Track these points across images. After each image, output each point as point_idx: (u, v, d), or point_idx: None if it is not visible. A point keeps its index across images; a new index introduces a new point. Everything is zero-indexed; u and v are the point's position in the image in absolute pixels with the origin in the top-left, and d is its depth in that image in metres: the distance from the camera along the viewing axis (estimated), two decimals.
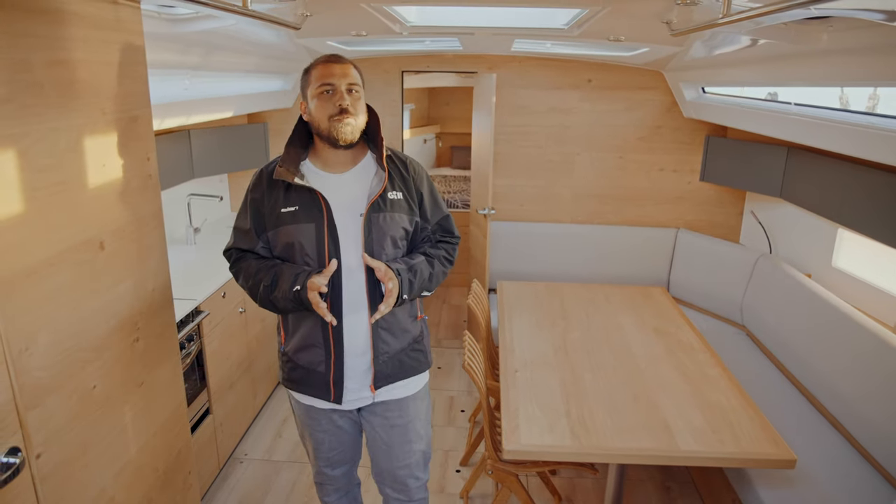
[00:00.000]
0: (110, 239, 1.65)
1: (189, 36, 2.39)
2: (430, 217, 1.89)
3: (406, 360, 1.89)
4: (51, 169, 1.41)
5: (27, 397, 1.36)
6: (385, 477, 2.00)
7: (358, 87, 1.73)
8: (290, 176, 1.72)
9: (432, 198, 1.91)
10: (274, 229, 1.77)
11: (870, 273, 2.90)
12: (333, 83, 1.68)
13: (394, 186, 1.79)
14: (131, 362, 1.76)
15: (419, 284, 1.79)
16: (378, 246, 1.76)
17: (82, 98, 1.51)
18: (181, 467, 2.09)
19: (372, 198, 1.74)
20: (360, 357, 1.81)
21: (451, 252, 1.94)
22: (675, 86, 3.84)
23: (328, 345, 1.78)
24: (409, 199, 1.82)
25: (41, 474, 1.41)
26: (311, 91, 1.72)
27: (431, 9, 2.57)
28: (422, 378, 1.97)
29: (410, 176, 1.84)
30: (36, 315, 1.38)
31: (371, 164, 1.83)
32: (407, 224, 1.81)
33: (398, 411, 1.91)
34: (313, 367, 1.82)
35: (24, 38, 1.32)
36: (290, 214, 1.74)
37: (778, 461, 1.96)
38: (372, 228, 1.74)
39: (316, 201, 1.73)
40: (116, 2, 1.62)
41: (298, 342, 1.83)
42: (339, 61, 1.72)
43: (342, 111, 1.67)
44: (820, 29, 1.95)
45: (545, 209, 4.29)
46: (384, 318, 1.80)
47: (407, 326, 1.89)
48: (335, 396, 1.83)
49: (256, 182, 1.82)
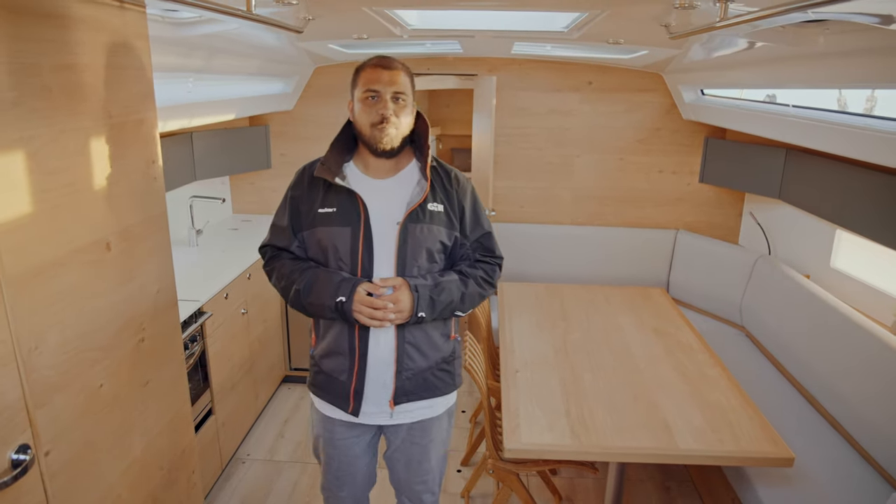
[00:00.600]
0: (117, 240, 1.67)
1: (192, 39, 2.41)
2: (469, 233, 1.81)
3: (431, 378, 1.81)
4: (60, 171, 1.44)
5: (36, 395, 1.38)
6: (402, 487, 1.98)
7: (405, 96, 1.66)
8: (331, 175, 1.68)
9: (474, 213, 1.83)
10: (310, 229, 1.74)
11: (868, 274, 2.92)
12: (379, 90, 1.63)
13: (435, 198, 1.73)
14: (137, 362, 1.78)
15: (444, 304, 1.72)
16: (412, 258, 1.70)
17: (89, 101, 1.53)
18: (185, 466, 2.11)
19: (411, 207, 1.69)
20: (384, 370, 1.76)
21: (491, 273, 1.85)
22: (674, 88, 3.86)
23: (353, 354, 1.74)
24: (450, 212, 1.76)
25: (50, 471, 1.43)
26: (357, 94, 1.68)
27: (432, 12, 2.59)
28: (447, 399, 1.90)
29: (454, 189, 1.78)
30: (45, 314, 1.40)
31: (414, 173, 1.78)
32: (445, 238, 1.75)
33: (420, 431, 1.87)
34: (335, 375, 1.79)
35: (33, 43, 1.34)
36: (327, 216, 1.70)
37: (776, 459, 1.98)
38: (407, 238, 1.69)
39: (355, 205, 1.69)
40: (123, 6, 1.64)
41: (325, 347, 1.80)
42: (388, 66, 1.65)
43: (383, 120, 1.63)
44: (817, 32, 1.97)
45: (545, 211, 4.31)
46: (412, 334, 1.75)
47: (438, 344, 1.82)
48: (353, 408, 1.78)
49: (298, 179, 1.79)
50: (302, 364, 3.85)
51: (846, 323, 2.66)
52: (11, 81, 1.28)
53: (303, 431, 3.38)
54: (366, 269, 1.70)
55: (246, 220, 4.19)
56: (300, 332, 3.78)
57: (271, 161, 4.20)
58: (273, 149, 4.21)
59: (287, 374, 3.87)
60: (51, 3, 1.39)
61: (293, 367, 3.86)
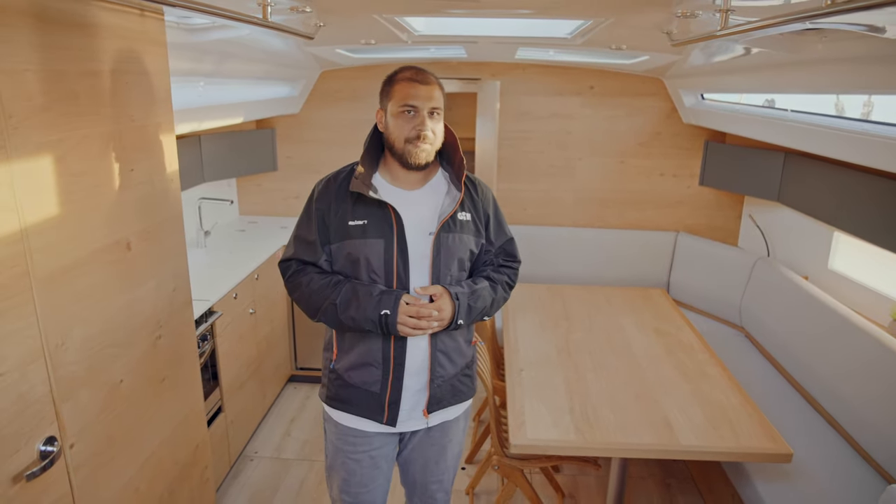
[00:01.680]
0: (136, 240, 1.72)
1: (204, 44, 2.47)
2: (494, 240, 1.85)
3: (458, 384, 1.84)
4: (84, 173, 1.49)
5: (62, 389, 1.43)
6: (416, 488, 1.99)
7: (440, 111, 1.68)
8: (365, 189, 1.66)
9: (497, 220, 1.87)
10: (339, 242, 1.71)
11: (865, 275, 2.97)
12: (417, 106, 1.63)
13: (463, 207, 1.75)
14: (154, 358, 1.84)
15: (479, 310, 1.76)
16: (445, 267, 1.72)
17: (112, 106, 1.59)
18: (198, 461, 2.16)
19: (443, 218, 1.70)
20: (416, 379, 1.77)
21: (513, 277, 1.91)
22: (674, 92, 3.92)
23: (387, 365, 1.74)
24: (476, 220, 1.78)
25: (74, 463, 1.48)
26: (392, 107, 1.66)
27: (439, 19, 2.65)
28: (467, 402, 1.94)
29: (479, 197, 1.81)
30: (71, 311, 1.46)
31: (442, 183, 1.79)
32: (473, 246, 1.78)
33: (440, 432, 1.89)
34: (366, 387, 1.76)
35: (62, 51, 1.40)
36: (358, 228, 1.68)
37: (775, 455, 2.03)
38: (441, 248, 1.70)
39: (387, 216, 1.68)
40: (144, 14, 1.70)
41: (353, 360, 1.76)
42: (425, 81, 1.65)
43: (419, 136, 1.63)
44: (814, 39, 2.03)
45: (547, 213, 4.37)
46: (442, 342, 1.77)
47: (463, 350, 1.85)
48: (388, 418, 1.77)
49: (323, 192, 1.75)
50: (308, 364, 3.90)
51: (844, 324, 2.71)
52: (42, 87, 1.33)
53: (309, 430, 3.42)
54: (402, 280, 1.69)
55: (252, 221, 4.25)
56: (306, 333, 3.83)
57: (277, 163, 4.26)
58: (279, 151, 4.26)
59: (293, 374, 3.92)
60: (79, 12, 1.45)
61: (299, 366, 3.91)
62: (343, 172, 1.77)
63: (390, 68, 1.73)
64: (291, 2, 1.81)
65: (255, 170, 4.10)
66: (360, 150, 1.75)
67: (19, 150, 1.27)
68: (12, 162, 1.26)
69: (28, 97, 1.30)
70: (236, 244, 3.64)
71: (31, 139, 1.31)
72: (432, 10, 2.22)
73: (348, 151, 4.07)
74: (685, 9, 1.77)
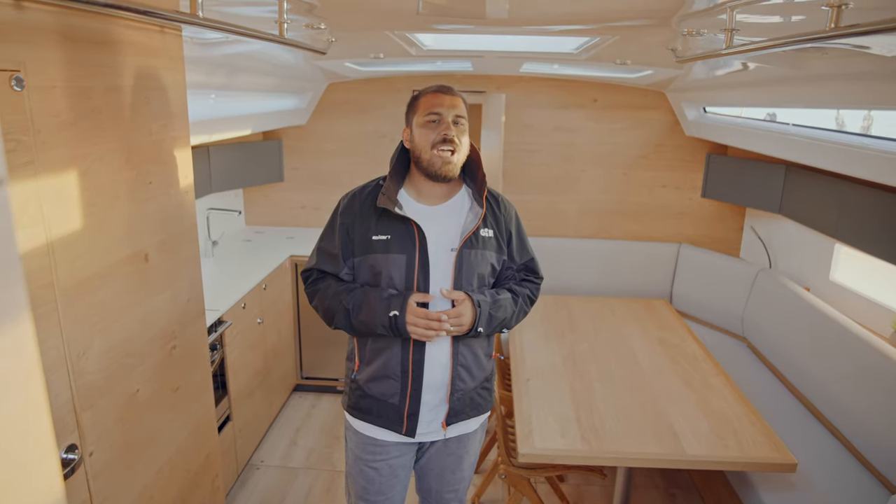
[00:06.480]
0: (153, 252, 1.76)
1: (216, 58, 2.52)
2: (516, 258, 1.88)
3: (476, 398, 1.86)
4: (105, 186, 1.53)
5: (83, 398, 1.46)
6: (432, 496, 2.00)
7: (464, 121, 1.72)
8: (391, 205, 1.69)
9: (520, 238, 1.89)
10: (362, 256, 1.74)
11: (866, 286, 3.01)
12: (441, 112, 1.68)
13: (486, 223, 1.77)
14: (169, 368, 1.87)
15: (499, 320, 1.77)
16: (466, 283, 1.74)
17: (133, 121, 1.63)
18: (209, 470, 2.18)
19: (466, 234, 1.73)
20: (437, 392, 1.79)
21: (535, 292, 1.93)
22: (677, 106, 3.97)
23: (406, 377, 1.75)
24: (499, 237, 1.80)
25: (93, 471, 1.51)
26: (418, 119, 1.71)
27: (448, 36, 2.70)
28: (485, 414, 1.95)
29: (502, 214, 1.83)
30: (92, 322, 1.49)
31: (465, 199, 1.81)
32: (495, 262, 1.80)
33: (458, 443, 1.91)
34: (385, 399, 1.78)
35: (88, 68, 1.44)
36: (381, 243, 1.71)
37: (779, 465, 2.06)
38: (462, 264, 1.72)
39: (410, 232, 1.70)
40: (163, 31, 1.74)
41: (373, 372, 1.79)
42: (448, 92, 1.72)
43: (445, 140, 1.66)
44: (816, 55, 2.08)
45: (551, 224, 4.41)
46: (463, 356, 1.79)
47: (483, 364, 1.86)
48: (408, 429, 1.79)
49: (347, 206, 1.78)
50: (313, 373, 3.93)
51: (845, 334, 2.75)
52: (69, 104, 1.37)
53: (315, 439, 3.45)
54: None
55: (259, 231, 4.29)
56: (312, 342, 3.86)
57: (284, 174, 4.31)
58: (286, 162, 4.31)
59: (298, 383, 3.95)
60: (103, 30, 1.49)
61: (304, 375, 3.93)
62: (368, 187, 1.80)
63: (397, 81, 1.78)
64: (307, 19, 1.85)
65: (262, 180, 4.14)
66: (365, 160, 1.78)
67: (47, 165, 1.31)
68: (40, 177, 1.29)
69: (55, 113, 1.34)
70: (243, 254, 3.67)
71: (58, 154, 1.35)
72: (444, 27, 2.27)
73: (354, 162, 4.13)
74: (691, 27, 1.82)
